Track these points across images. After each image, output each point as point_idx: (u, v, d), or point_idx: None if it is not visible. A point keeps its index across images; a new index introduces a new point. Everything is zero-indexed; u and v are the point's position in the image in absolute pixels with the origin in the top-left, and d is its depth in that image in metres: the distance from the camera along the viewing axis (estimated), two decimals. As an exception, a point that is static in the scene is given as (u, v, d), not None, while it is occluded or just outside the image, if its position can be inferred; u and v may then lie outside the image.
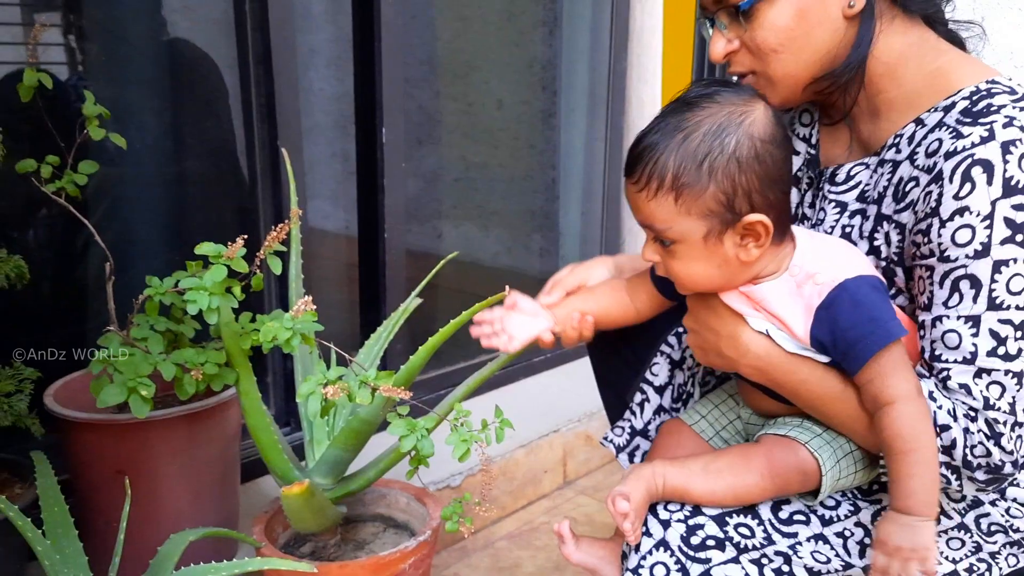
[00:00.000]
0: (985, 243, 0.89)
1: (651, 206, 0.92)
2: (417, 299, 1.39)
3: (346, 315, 1.90)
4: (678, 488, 1.00)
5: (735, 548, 0.98)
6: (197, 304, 1.01)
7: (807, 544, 0.99)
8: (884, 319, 0.90)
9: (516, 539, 1.76)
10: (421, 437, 1.01)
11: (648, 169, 0.91)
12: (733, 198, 0.90)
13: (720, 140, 0.89)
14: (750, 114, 0.91)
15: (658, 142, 0.91)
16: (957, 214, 0.90)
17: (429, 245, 2.25)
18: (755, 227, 0.91)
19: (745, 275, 0.95)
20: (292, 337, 1.01)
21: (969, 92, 0.94)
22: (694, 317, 1.02)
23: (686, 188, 0.89)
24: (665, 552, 0.99)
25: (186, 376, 1.11)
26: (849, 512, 1.01)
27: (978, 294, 0.90)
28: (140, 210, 1.55)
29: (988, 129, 0.89)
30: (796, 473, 0.98)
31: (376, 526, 1.40)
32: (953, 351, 0.92)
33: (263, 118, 1.55)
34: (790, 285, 0.94)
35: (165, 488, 1.25)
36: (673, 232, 0.92)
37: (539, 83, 2.39)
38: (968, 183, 0.89)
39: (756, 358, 0.96)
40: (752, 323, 0.96)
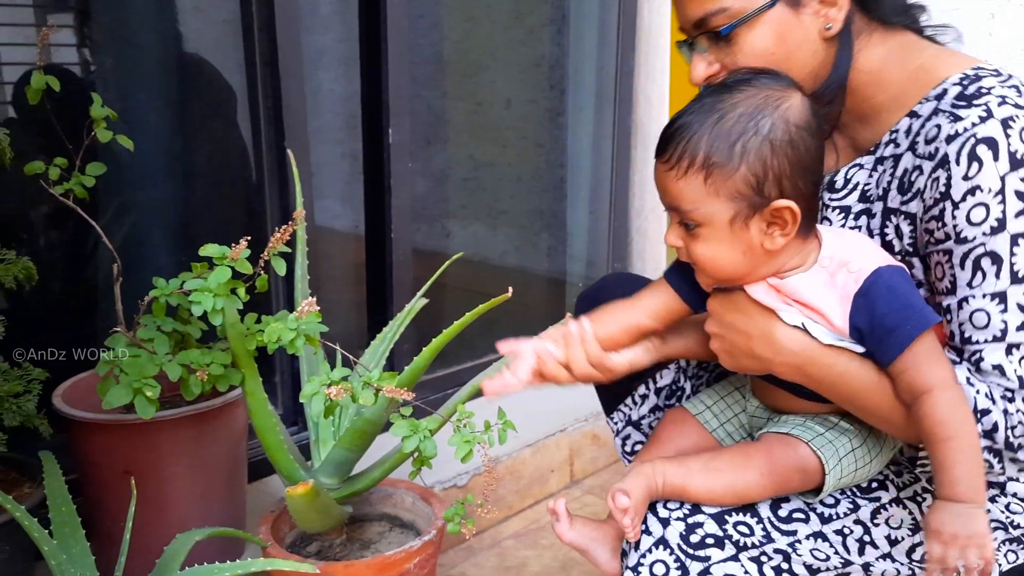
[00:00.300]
0: (1000, 218, 0.90)
1: (679, 185, 0.91)
2: (423, 300, 1.39)
3: (356, 315, 1.90)
4: (677, 486, 1.00)
5: (734, 546, 0.98)
6: (202, 305, 1.01)
7: (806, 542, 0.99)
8: (919, 305, 0.90)
9: (523, 538, 1.76)
10: (424, 438, 1.01)
11: (680, 148, 0.90)
12: (763, 181, 0.89)
13: (755, 121, 0.89)
14: (787, 99, 0.90)
15: (692, 122, 0.91)
16: (969, 194, 0.91)
17: (438, 244, 2.26)
18: (783, 213, 0.90)
19: (769, 265, 0.94)
20: (296, 338, 1.02)
21: (958, 78, 0.96)
22: (718, 321, 1.00)
23: (716, 167, 0.89)
24: (664, 550, 0.98)
25: (192, 377, 1.12)
26: (848, 510, 1.01)
27: (1000, 270, 0.90)
28: (148, 212, 1.56)
29: (985, 109, 0.91)
30: (796, 472, 0.98)
31: (382, 525, 1.40)
32: (983, 330, 0.92)
33: (270, 120, 1.55)
34: (823, 276, 0.93)
35: (172, 488, 1.26)
36: (699, 214, 0.91)
37: (547, 82, 2.39)
38: (976, 162, 0.90)
39: (792, 355, 0.94)
40: (785, 317, 0.94)
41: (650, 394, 1.24)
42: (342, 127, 1.94)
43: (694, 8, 0.99)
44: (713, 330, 1.01)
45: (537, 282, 2.49)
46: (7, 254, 1.20)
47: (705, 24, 0.98)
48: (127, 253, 1.47)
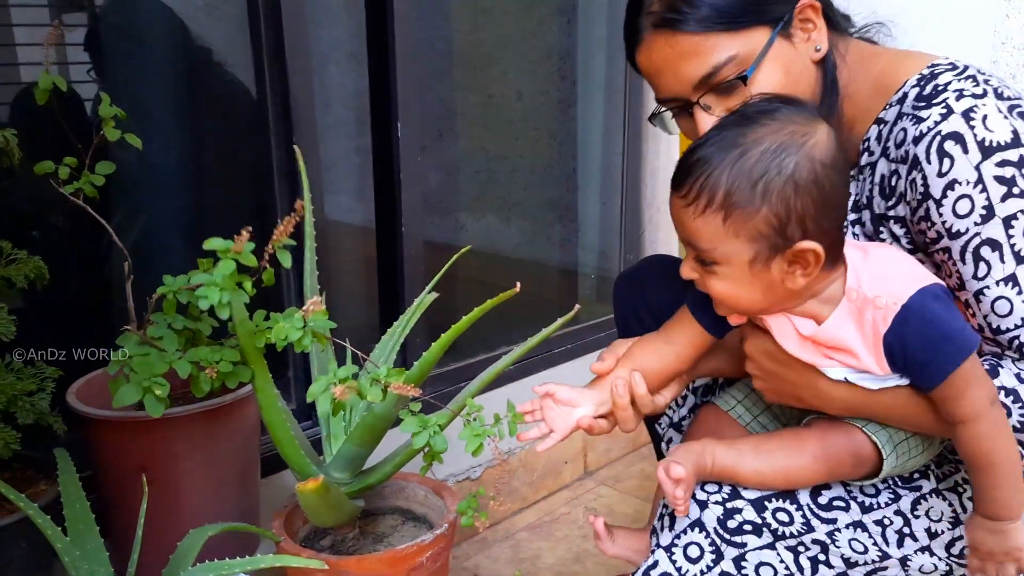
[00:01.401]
0: (987, 205, 0.90)
1: (697, 223, 0.88)
2: (432, 294, 1.39)
3: (368, 309, 1.91)
4: (728, 467, 0.99)
5: (772, 534, 0.98)
6: (208, 299, 1.01)
7: (845, 532, 0.98)
8: (954, 333, 0.87)
9: (536, 530, 1.76)
10: (433, 434, 1.01)
11: (699, 184, 0.87)
12: (786, 223, 0.86)
13: (779, 160, 0.85)
14: (812, 135, 0.86)
15: (712, 156, 0.87)
16: (948, 189, 0.91)
17: (451, 237, 2.26)
18: (806, 255, 0.87)
19: (791, 301, 0.92)
20: (304, 336, 1.02)
21: (916, 80, 0.97)
22: (759, 366, 1.00)
23: (737, 208, 0.86)
24: (700, 533, 0.98)
25: (201, 374, 1.12)
26: (889, 500, 1.00)
27: (1002, 254, 0.90)
28: (158, 210, 1.56)
29: (944, 106, 0.91)
30: (850, 457, 0.97)
31: (395, 519, 1.41)
32: (1009, 317, 0.91)
33: (279, 116, 1.55)
34: (851, 315, 0.91)
35: (186, 484, 1.27)
36: (717, 253, 0.88)
37: (558, 73, 2.38)
38: (946, 158, 0.90)
39: (842, 402, 0.95)
40: (829, 373, 0.93)
41: (689, 394, 1.24)
42: (353, 122, 1.94)
43: (695, 68, 0.96)
44: (755, 372, 1.01)
45: (549, 274, 2.48)
46: (18, 253, 1.21)
47: (713, 78, 0.96)
48: (138, 251, 1.48)
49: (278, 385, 1.31)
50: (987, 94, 0.91)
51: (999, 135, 0.89)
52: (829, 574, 0.98)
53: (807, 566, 0.98)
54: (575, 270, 2.48)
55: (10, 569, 1.14)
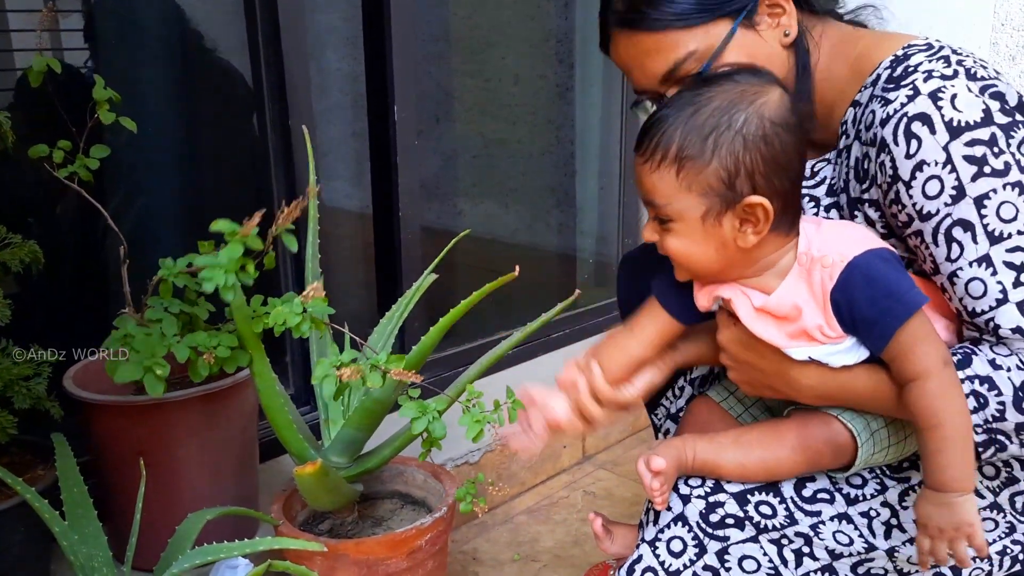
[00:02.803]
0: (957, 186, 0.89)
1: (653, 179, 0.90)
2: (431, 276, 1.38)
3: (366, 294, 1.90)
4: (708, 461, 0.99)
5: (754, 527, 0.97)
6: (213, 281, 1.00)
7: (830, 524, 0.98)
8: (901, 291, 0.88)
9: (535, 514, 1.76)
10: (432, 419, 1.01)
11: (655, 141, 0.90)
12: (735, 176, 0.88)
13: (728, 116, 0.87)
14: (764, 94, 0.89)
15: (668, 115, 0.90)
16: (916, 170, 0.90)
17: (449, 222, 2.25)
18: (755, 210, 0.88)
19: (746, 262, 0.93)
20: (303, 322, 1.01)
21: (889, 61, 0.96)
22: (732, 356, 1.00)
23: (688, 161, 0.88)
24: (683, 527, 0.98)
25: (199, 359, 1.12)
26: (876, 491, 1.00)
27: (975, 235, 0.90)
28: (153, 194, 1.55)
29: (911, 87, 0.91)
30: (828, 446, 0.97)
31: (394, 503, 1.41)
32: (984, 299, 0.90)
33: (274, 99, 1.54)
34: (802, 276, 0.92)
35: (184, 468, 1.27)
36: (672, 209, 0.90)
37: (555, 57, 2.37)
38: (913, 139, 0.90)
39: (811, 388, 0.95)
40: (793, 355, 0.94)
41: (687, 386, 1.24)
42: (350, 106, 1.93)
43: (658, 64, 0.98)
44: (728, 363, 1.01)
45: (548, 258, 2.48)
46: (13, 238, 1.20)
47: (675, 73, 0.98)
48: (134, 235, 1.47)
49: (276, 370, 1.31)
50: (957, 74, 0.90)
51: (968, 115, 0.88)
52: (814, 566, 0.98)
53: (791, 559, 0.97)
54: (573, 255, 2.48)
55: (8, 553, 1.14)
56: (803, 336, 0.92)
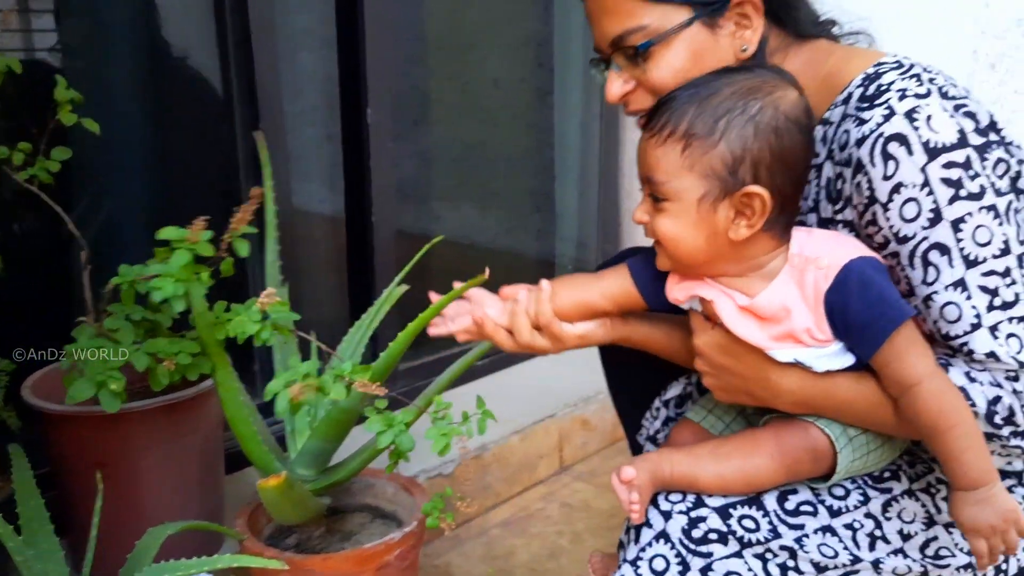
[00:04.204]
0: (934, 208, 0.88)
1: (657, 153, 0.89)
2: (402, 286, 1.36)
3: (340, 300, 1.87)
4: (686, 474, 0.97)
5: (738, 542, 0.95)
6: (162, 292, 0.97)
7: (814, 537, 0.96)
8: (894, 299, 0.88)
9: (510, 527, 1.73)
10: (399, 433, 0.98)
11: (666, 115, 0.89)
12: (739, 162, 0.87)
13: (744, 101, 0.87)
14: (783, 89, 0.89)
15: (683, 94, 0.90)
16: (894, 192, 0.89)
17: (426, 227, 2.22)
18: (752, 201, 0.87)
19: (733, 259, 0.91)
20: (263, 329, 0.98)
21: (861, 79, 0.95)
22: (708, 361, 0.98)
23: (696, 139, 0.87)
24: (665, 544, 0.96)
25: (159, 367, 1.08)
26: (859, 503, 0.98)
27: (951, 259, 0.89)
28: (118, 197, 1.52)
29: (886, 107, 0.89)
30: (807, 453, 0.95)
31: (363, 516, 1.38)
32: (958, 323, 0.89)
33: (244, 101, 1.51)
34: (792, 279, 0.90)
35: (147, 481, 1.23)
36: (670, 187, 0.89)
37: (535, 61, 2.35)
38: (891, 160, 0.88)
39: (791, 394, 0.93)
40: (777, 356, 0.92)
41: (662, 407, 1.22)
42: (326, 108, 1.89)
43: (612, 26, 0.97)
44: (704, 369, 0.99)
45: (527, 264, 2.45)
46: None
47: (622, 41, 0.97)
48: (100, 241, 1.44)
49: (244, 378, 1.28)
50: (931, 93, 0.89)
51: (944, 135, 0.87)
52: None
53: (776, 573, 0.95)
54: (552, 260, 2.45)
55: (-41, 570, 1.10)
56: (789, 339, 0.91)
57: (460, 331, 1.02)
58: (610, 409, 1.91)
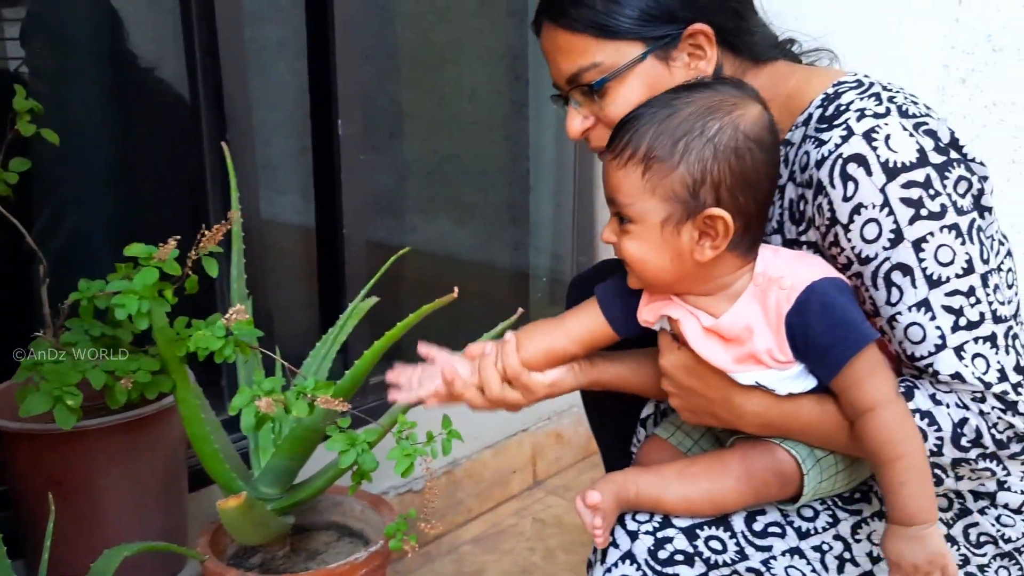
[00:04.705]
0: (895, 229, 0.87)
1: (619, 176, 0.88)
2: (370, 299, 1.34)
3: (310, 313, 1.84)
4: (651, 496, 0.95)
5: (704, 564, 0.94)
6: (126, 309, 0.95)
7: (781, 559, 0.95)
8: (856, 322, 0.86)
9: (482, 543, 1.71)
10: (362, 452, 0.95)
11: (627, 137, 0.88)
12: (700, 185, 0.85)
13: (703, 122, 0.86)
14: (743, 107, 0.87)
15: (643, 114, 0.88)
16: (855, 213, 0.88)
17: (402, 240, 2.20)
18: (715, 223, 0.86)
19: (699, 278, 0.90)
20: (226, 346, 0.96)
21: (820, 100, 0.95)
22: (674, 382, 0.96)
23: (655, 163, 0.86)
24: (631, 565, 0.94)
25: (117, 385, 1.05)
26: (828, 524, 0.97)
27: (914, 279, 0.88)
28: (82, 210, 1.49)
29: (845, 127, 0.89)
30: (774, 475, 0.94)
31: (330, 535, 1.35)
32: (923, 343, 0.89)
33: (211, 111, 1.48)
34: (755, 299, 0.89)
35: (105, 500, 1.20)
36: (634, 209, 0.88)
37: (510, 73, 2.34)
38: (850, 182, 0.88)
39: (755, 415, 0.92)
40: (739, 379, 0.91)
41: (639, 427, 1.20)
42: (301, 120, 1.87)
43: (567, 64, 0.98)
44: (671, 389, 0.98)
45: (501, 276, 2.44)
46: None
47: (578, 79, 0.98)
48: (60, 254, 1.41)
49: (211, 394, 1.25)
50: (890, 112, 0.89)
51: (903, 155, 0.87)
52: None
53: None
54: (527, 272, 2.44)
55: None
56: (750, 360, 0.90)
57: (428, 395, 0.99)
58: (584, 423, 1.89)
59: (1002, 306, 0.90)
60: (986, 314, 0.88)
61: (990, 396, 0.88)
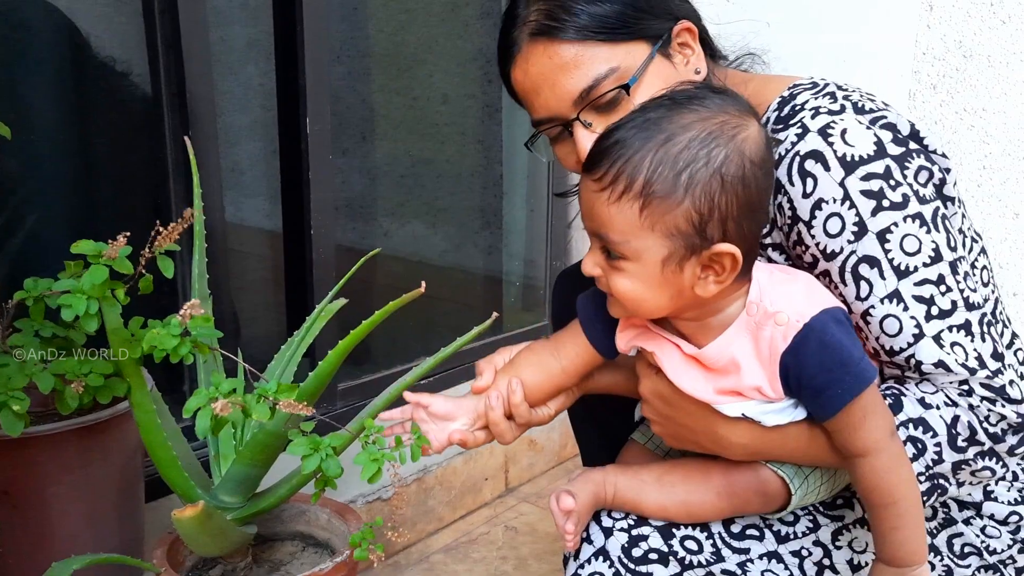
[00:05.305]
0: (858, 222, 0.86)
1: (610, 211, 0.79)
2: (339, 301, 1.30)
3: (278, 317, 1.80)
4: (629, 500, 0.93)
5: (679, 564, 0.92)
6: (73, 309, 0.90)
7: (759, 562, 0.93)
8: (854, 362, 0.81)
9: (453, 552, 1.67)
10: (326, 456, 0.91)
11: (617, 167, 0.78)
12: (707, 221, 0.78)
13: (707, 150, 0.78)
14: (744, 129, 0.79)
15: (633, 139, 0.79)
16: (816, 209, 0.87)
17: (373, 243, 2.16)
18: (722, 259, 0.80)
19: (696, 309, 0.85)
20: (181, 345, 0.92)
21: (777, 102, 0.95)
22: (654, 410, 0.93)
23: (656, 198, 0.78)
24: (604, 562, 0.92)
25: (67, 389, 1.00)
26: (808, 529, 0.95)
27: (882, 271, 0.86)
28: (36, 207, 1.43)
29: (800, 126, 0.88)
30: (757, 495, 0.91)
31: (295, 545, 1.31)
32: (900, 336, 0.87)
33: (174, 108, 1.44)
34: (747, 331, 0.84)
35: (55, 510, 1.15)
36: (628, 247, 0.80)
37: (484, 76, 2.32)
38: (808, 178, 0.87)
39: (740, 446, 0.89)
40: (724, 410, 0.86)
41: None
42: (272, 122, 1.83)
43: (577, 81, 0.92)
44: (651, 416, 0.95)
45: (475, 281, 2.41)
46: None
47: (594, 92, 0.92)
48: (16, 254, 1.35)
49: (172, 400, 1.20)
50: (845, 109, 0.88)
51: (861, 148, 0.86)
52: None
53: None
54: (500, 277, 2.41)
55: None
56: (735, 394, 0.86)
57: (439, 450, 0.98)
58: (557, 429, 1.87)
59: (973, 293, 0.88)
60: (958, 302, 0.87)
61: (976, 385, 0.86)
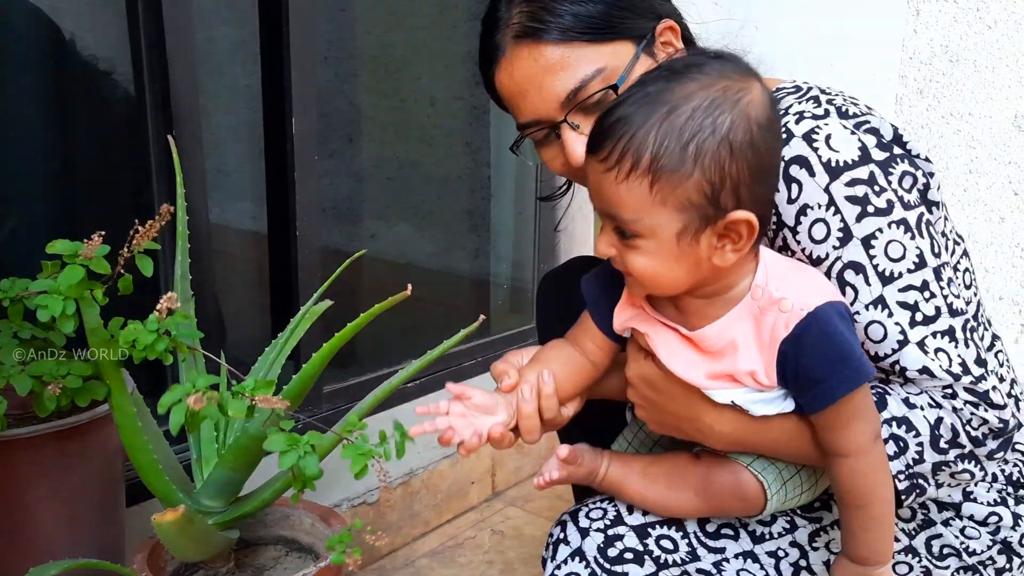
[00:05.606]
0: (843, 227, 0.86)
1: (619, 191, 0.78)
2: (324, 303, 1.28)
3: (263, 319, 1.78)
4: (615, 483, 0.95)
5: (654, 563, 0.92)
6: (49, 310, 0.89)
7: (734, 561, 0.93)
8: (852, 357, 0.80)
9: (439, 556, 1.66)
10: (304, 454, 0.90)
11: (622, 145, 0.77)
12: (720, 190, 0.77)
13: (712, 119, 0.76)
14: (748, 92, 0.77)
15: (635, 114, 0.77)
16: (801, 215, 0.87)
17: (361, 246, 2.15)
18: (738, 227, 0.78)
19: (714, 283, 0.83)
20: (158, 341, 0.90)
21: None
22: (640, 395, 0.92)
23: (665, 172, 0.76)
24: (580, 563, 0.93)
25: (45, 391, 0.99)
26: (784, 530, 0.95)
27: (867, 277, 0.86)
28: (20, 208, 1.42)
29: (784, 131, 0.87)
30: (735, 499, 0.91)
31: (278, 550, 1.29)
32: (885, 342, 0.87)
33: (157, 106, 1.42)
34: (748, 314, 0.83)
35: (33, 515, 1.13)
36: (641, 225, 0.78)
37: (472, 78, 2.31)
38: (793, 183, 0.87)
39: (725, 435, 0.89)
40: (714, 396, 0.85)
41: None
42: (256, 125, 1.82)
43: (564, 82, 0.92)
44: (635, 400, 0.94)
45: (462, 284, 2.40)
46: None
47: (581, 93, 0.92)
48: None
49: (155, 402, 1.18)
50: (829, 114, 0.88)
51: (845, 153, 0.85)
52: None
53: None
54: (488, 280, 2.40)
55: None
56: (726, 379, 0.85)
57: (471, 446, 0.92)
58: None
59: (957, 299, 0.88)
60: (942, 308, 0.86)
61: (960, 390, 0.86)
